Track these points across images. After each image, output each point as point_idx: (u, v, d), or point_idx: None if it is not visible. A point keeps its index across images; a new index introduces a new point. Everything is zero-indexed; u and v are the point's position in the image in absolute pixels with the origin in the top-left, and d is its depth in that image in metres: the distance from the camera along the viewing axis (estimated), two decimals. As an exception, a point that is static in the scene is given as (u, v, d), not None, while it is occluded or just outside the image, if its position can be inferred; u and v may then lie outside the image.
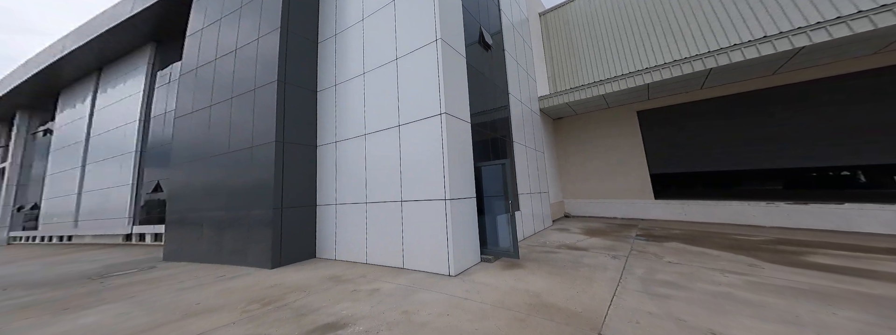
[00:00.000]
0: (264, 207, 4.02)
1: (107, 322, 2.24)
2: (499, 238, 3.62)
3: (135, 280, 3.66)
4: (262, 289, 2.85)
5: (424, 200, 3.32)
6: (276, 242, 3.85)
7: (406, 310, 2.12)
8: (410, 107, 3.66)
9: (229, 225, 4.40)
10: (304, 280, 3.13)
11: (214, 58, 5.42)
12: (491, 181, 3.72)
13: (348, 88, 4.46)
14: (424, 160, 3.40)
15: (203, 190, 4.97)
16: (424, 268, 3.22)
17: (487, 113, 4.65)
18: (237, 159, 4.54)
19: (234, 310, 2.31)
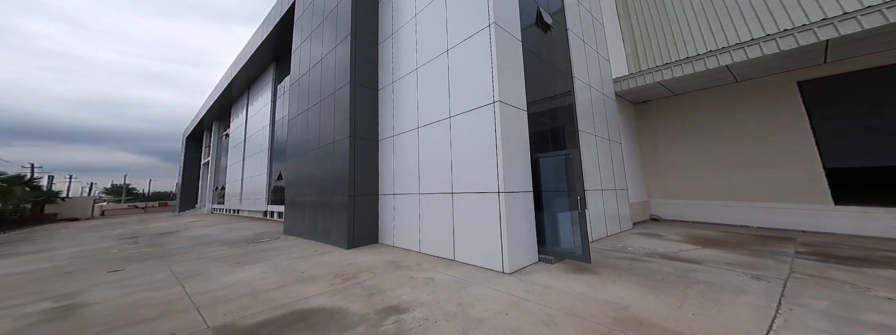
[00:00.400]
0: (342, 195, 4.65)
1: (255, 276, 3.07)
2: (560, 238, 3.20)
3: (268, 247, 4.87)
4: (341, 267, 3.33)
5: (476, 193, 3.19)
6: (350, 226, 4.43)
7: (461, 303, 2.13)
8: (461, 97, 3.54)
9: (320, 208, 5.29)
10: (370, 262, 3.49)
11: (309, 68, 6.51)
12: (551, 174, 3.30)
13: (403, 84, 4.66)
14: (476, 151, 3.25)
15: (305, 179, 6.11)
16: (475, 262, 3.14)
17: (547, 100, 4.15)
18: (324, 153, 5.37)
19: (325, 282, 2.76)
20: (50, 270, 3.77)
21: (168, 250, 4.92)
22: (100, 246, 5.90)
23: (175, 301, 2.37)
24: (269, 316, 1.99)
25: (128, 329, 1.86)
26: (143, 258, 4.33)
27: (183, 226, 9.33)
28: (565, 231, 3.22)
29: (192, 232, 7.64)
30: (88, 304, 2.38)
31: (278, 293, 2.47)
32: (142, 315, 2.11)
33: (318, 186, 5.51)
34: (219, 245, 5.21)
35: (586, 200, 4.31)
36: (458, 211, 3.44)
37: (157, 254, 4.63)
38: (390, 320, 1.87)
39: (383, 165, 4.94)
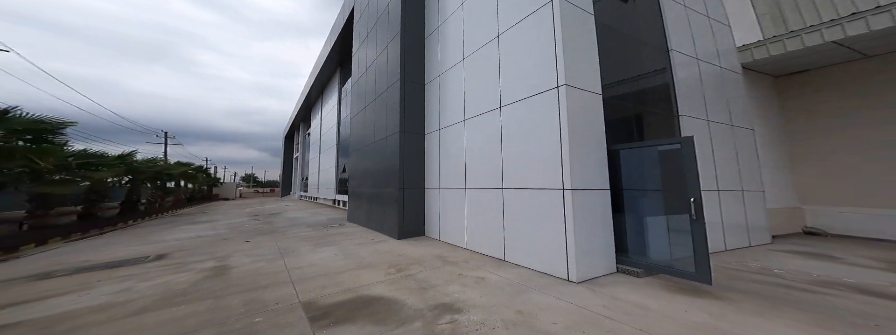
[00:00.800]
0: (393, 187, 4.84)
1: (328, 258, 3.46)
2: (650, 246, 2.61)
3: (337, 232, 5.53)
4: (393, 256, 3.48)
5: (533, 189, 2.84)
6: (400, 218, 4.60)
7: (521, 311, 1.93)
8: (514, 85, 3.18)
9: (375, 200, 5.66)
10: (419, 254, 3.55)
11: (365, 69, 6.96)
12: (637, 169, 2.72)
13: (449, 77, 4.53)
14: (532, 143, 2.88)
15: (363, 172, 6.65)
16: (530, 264, 2.83)
17: (630, 82, 3.43)
18: (378, 148, 5.68)
19: (381, 270, 2.91)
20: (213, 237, 5.18)
21: (275, 228, 6.18)
22: (239, 220, 7.87)
23: (279, 273, 2.88)
24: (341, 298, 2.17)
25: (252, 293, 2.31)
26: (261, 233, 5.53)
27: (283, 209, 11.71)
28: (658, 239, 2.58)
29: (288, 214, 9.44)
30: (232, 267, 3.11)
31: (346, 277, 2.71)
32: (259, 282, 2.59)
33: (373, 179, 5.90)
34: (305, 227, 6.26)
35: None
36: (509, 208, 3.16)
37: (269, 230, 5.87)
38: (445, 319, 1.81)
39: (429, 159, 4.96)
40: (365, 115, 6.78)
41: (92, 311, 1.97)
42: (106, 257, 3.76)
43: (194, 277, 2.77)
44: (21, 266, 3.46)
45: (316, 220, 7.50)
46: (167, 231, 6.19)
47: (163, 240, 4.98)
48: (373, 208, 5.77)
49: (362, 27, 7.58)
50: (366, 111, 6.75)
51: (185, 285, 2.52)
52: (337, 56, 13.10)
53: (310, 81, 17.21)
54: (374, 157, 5.96)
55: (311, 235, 5.16)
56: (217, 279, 2.71)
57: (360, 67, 7.50)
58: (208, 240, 4.91)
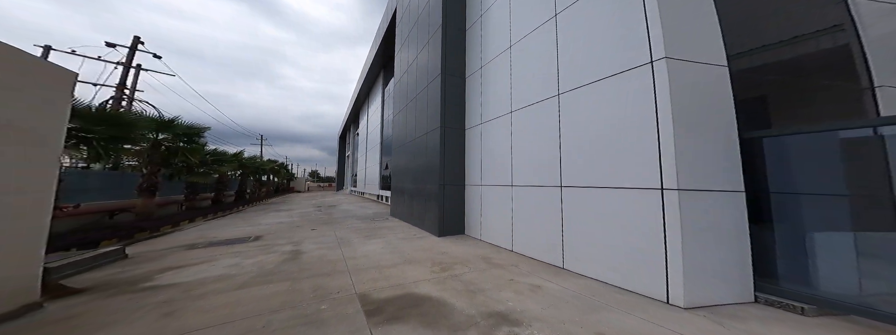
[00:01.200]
0: (433, 184, 4.77)
1: (377, 251, 3.53)
2: (820, 272, 1.89)
3: (382, 225, 5.77)
4: (436, 254, 3.39)
5: (605, 188, 2.40)
6: (440, 215, 4.50)
7: (603, 333, 1.61)
8: (578, 68, 2.74)
9: (415, 196, 5.68)
10: (462, 254, 3.41)
11: (407, 68, 7.05)
12: (795, 164, 2.00)
13: (492, 68, 4.21)
14: (607, 132, 2.42)
15: (404, 168, 6.77)
16: (599, 276, 2.41)
17: (776, 48, 2.56)
18: (419, 144, 5.68)
19: (426, 268, 2.85)
20: (290, 224, 5.99)
21: (333, 218, 6.93)
22: (307, 210, 9.12)
23: (338, 262, 3.07)
24: (391, 293, 2.16)
25: (318, 280, 2.49)
26: (323, 222, 6.19)
27: (338, 202, 12.94)
28: (837, 263, 1.82)
29: (342, 207, 10.39)
30: (303, 252, 3.48)
31: (393, 271, 2.73)
32: (323, 269, 2.80)
33: (413, 175, 5.95)
34: (355, 219, 6.78)
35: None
36: (570, 209, 2.74)
37: (328, 220, 6.60)
38: (502, 332, 1.61)
39: (470, 155, 4.74)
40: (406, 113, 6.89)
41: (213, 281, 2.48)
42: (226, 235, 4.76)
43: (278, 259, 3.23)
44: (180, 237, 4.69)
45: (364, 213, 8.09)
46: (261, 216, 7.57)
47: (259, 224, 6.11)
48: (414, 204, 5.83)
49: (404, 27, 7.69)
50: (407, 109, 6.85)
51: (271, 266, 2.97)
52: (380, 59, 13.74)
53: (358, 86, 18.55)
54: (414, 154, 6.00)
55: (360, 228, 5.52)
56: (293, 262, 3.07)
57: (402, 67, 7.65)
58: (287, 226, 5.77)
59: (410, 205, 6.11)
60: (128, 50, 10.01)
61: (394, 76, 8.68)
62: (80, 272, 2.72)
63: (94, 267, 2.89)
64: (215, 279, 2.56)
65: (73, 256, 2.83)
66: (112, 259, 3.14)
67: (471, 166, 4.71)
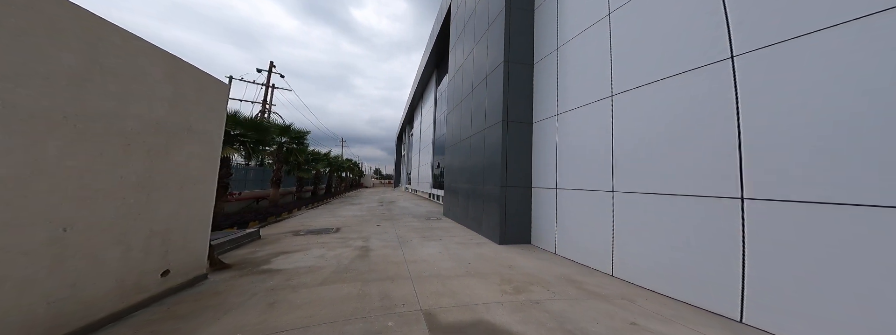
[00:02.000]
0: (494, 185, 4.20)
1: (435, 255, 3.27)
2: None
3: (436, 226, 5.56)
4: (503, 267, 2.89)
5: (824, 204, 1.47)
6: (502, 220, 3.91)
7: None
8: (762, 20, 1.80)
9: (471, 197, 5.21)
10: (536, 270, 2.81)
11: (462, 62, 6.63)
12: None
13: (576, 46, 3.36)
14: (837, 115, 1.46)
15: (458, 167, 6.39)
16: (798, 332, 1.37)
17: None
18: (475, 141, 5.19)
19: (494, 285, 2.38)
20: (361, 218, 6.50)
21: (393, 215, 7.21)
22: (372, 205, 9.81)
23: (400, 264, 2.91)
24: (460, 318, 1.80)
25: (384, 284, 2.34)
26: (385, 218, 6.47)
27: (396, 199, 13.59)
28: None
29: (399, 203, 10.80)
30: (371, 249, 3.51)
31: (457, 285, 2.37)
32: (388, 271, 2.69)
33: (468, 175, 5.50)
34: (411, 217, 6.85)
35: None
36: (761, 232, 1.79)
37: (390, 216, 6.90)
38: None
39: (540, 152, 3.96)
40: (459, 111, 6.50)
41: (305, 272, 2.67)
42: (318, 225, 5.52)
43: (352, 254, 3.38)
44: (291, 223, 5.76)
45: (418, 212, 8.23)
46: (341, 209, 8.59)
47: (339, 216, 6.97)
48: (469, 206, 5.38)
49: (458, 22, 7.31)
50: (460, 106, 6.44)
51: (347, 261, 3.11)
52: (434, 59, 13.80)
53: (412, 88, 19.34)
54: (469, 153, 5.54)
55: (417, 227, 5.50)
56: (363, 260, 3.12)
57: (455, 64, 7.29)
58: (359, 220, 6.33)
59: (465, 207, 5.70)
60: (267, 72, 13.83)
61: (448, 73, 8.47)
62: (233, 248, 3.56)
63: (241, 245, 3.77)
64: (307, 270, 2.80)
65: (231, 235, 3.87)
66: (251, 239, 4.14)
67: (541, 166, 3.94)
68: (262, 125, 5.84)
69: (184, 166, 2.28)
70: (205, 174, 2.53)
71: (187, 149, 2.32)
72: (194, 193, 2.40)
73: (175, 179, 2.20)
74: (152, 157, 1.99)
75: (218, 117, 2.70)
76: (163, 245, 2.10)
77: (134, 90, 1.86)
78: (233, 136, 5.47)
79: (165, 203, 2.11)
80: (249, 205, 8.08)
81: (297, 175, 9.77)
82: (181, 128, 2.25)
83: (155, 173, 2.01)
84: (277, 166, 7.90)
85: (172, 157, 2.17)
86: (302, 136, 8.45)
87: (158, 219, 2.05)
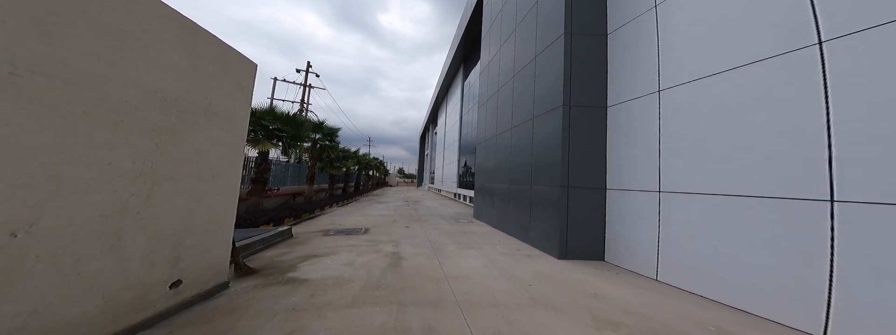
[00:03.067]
0: (548, 184, 3.43)
1: (480, 270, 2.62)
2: None
3: (469, 230, 4.92)
4: (584, 296, 2.09)
5: None
6: (562, 228, 3.11)
7: None
8: None
9: (513, 199, 4.48)
10: (644, 307, 1.94)
11: (499, 48, 5.87)
12: None
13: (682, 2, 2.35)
14: None
15: (494, 165, 5.65)
16: None
17: None
18: (519, 134, 4.44)
19: (586, 328, 1.63)
20: (388, 218, 6.13)
21: (420, 215, 6.75)
22: (398, 204, 9.43)
23: (440, 280, 2.35)
24: None
25: (424, 311, 1.80)
26: (412, 219, 6.00)
27: (420, 198, 13.18)
28: None
29: (425, 203, 10.27)
30: (403, 258, 2.99)
31: (528, 323, 1.67)
32: (426, 292, 2.13)
33: (509, 173, 4.74)
34: (440, 218, 6.28)
35: None
36: None
37: (417, 217, 6.41)
38: None
39: (620, 144, 3.07)
40: (498, 99, 5.73)
41: (332, 286, 2.23)
42: (348, 223, 5.24)
43: (382, 262, 2.84)
44: (322, 220, 5.54)
45: (446, 212, 7.72)
46: (368, 207, 8.29)
47: (368, 215, 6.61)
48: (510, 209, 4.62)
49: (495, 2, 6.55)
50: (498, 95, 5.68)
51: (378, 272, 2.56)
52: (461, 52, 13.14)
53: (437, 86, 18.86)
54: (512, 147, 4.76)
55: (448, 230, 4.91)
56: (395, 272, 2.58)
57: (491, 50, 6.51)
58: (387, 220, 5.92)
59: (504, 210, 4.92)
60: (305, 71, 15.12)
61: (476, 66, 7.74)
62: (264, 249, 3.24)
63: (272, 244, 3.45)
64: (334, 282, 2.34)
65: (264, 233, 3.56)
66: (283, 238, 3.85)
67: (624, 161, 3.04)
68: (296, 119, 5.76)
69: (201, 154, 1.89)
70: (228, 165, 2.13)
71: (206, 133, 1.92)
72: (214, 187, 2.00)
73: (190, 170, 1.80)
74: (158, 139, 1.58)
75: (243, 99, 2.30)
76: (173, 251, 1.70)
77: (133, 52, 1.44)
78: (271, 130, 5.49)
79: (177, 199, 1.71)
80: (287, 201, 8.29)
81: (329, 172, 9.97)
82: (198, 107, 1.85)
83: (161, 160, 1.61)
84: (312, 162, 8.08)
85: (186, 141, 1.77)
86: (334, 132, 8.60)
87: (167, 218, 1.65)
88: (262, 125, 5.43)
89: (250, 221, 4.57)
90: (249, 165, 6.39)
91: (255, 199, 5.48)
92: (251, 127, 5.22)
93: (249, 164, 6.42)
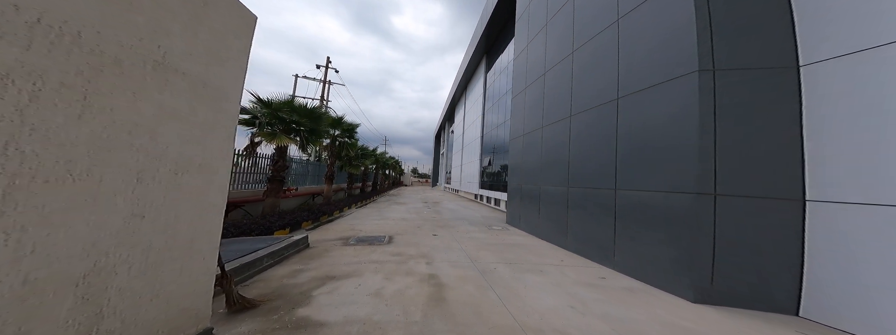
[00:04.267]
0: (665, 188, 2.35)
1: (567, 319, 1.71)
2: None
3: (512, 242, 3.96)
4: None
5: None
6: (701, 256, 2.02)
7: None
8: None
9: (578, 205, 3.44)
10: None
11: (545, 22, 4.84)
12: None
13: None
14: None
15: (537, 162, 4.64)
16: None
17: None
18: (585, 121, 3.41)
19: None
20: (411, 222, 5.40)
21: (444, 219, 5.98)
22: (417, 206, 8.71)
23: (513, 333, 1.57)
24: None
25: None
26: (438, 225, 5.20)
27: (438, 199, 12.45)
28: None
29: (446, 205, 9.46)
30: (445, 285, 2.24)
31: None
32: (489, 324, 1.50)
33: (568, 173, 3.71)
34: (468, 224, 5.42)
35: None
36: None
37: (442, 222, 5.58)
38: None
39: (839, 125, 1.87)
40: (544, 85, 4.68)
41: None
42: (369, 228, 4.58)
43: (419, 293, 2.09)
44: (341, 225, 4.90)
45: (471, 216, 6.82)
46: (387, 209, 7.67)
47: (388, 218, 5.93)
48: (572, 218, 3.59)
49: None
50: (546, 78, 4.62)
51: (417, 313, 1.78)
52: (484, 43, 12.16)
53: (455, 81, 17.91)
54: (575, 139, 3.72)
55: (485, 240, 4.06)
56: (440, 312, 1.80)
57: (533, 28, 5.44)
58: (409, 225, 5.14)
59: (557, 220, 3.90)
60: (324, 67, 14.98)
61: (516, 45, 6.58)
62: (273, 265, 2.61)
63: (284, 259, 2.81)
64: (361, 331, 1.61)
65: (276, 242, 2.92)
66: (297, 248, 3.17)
67: (857, 153, 1.81)
68: (315, 112, 5.12)
69: (148, 134, 1.09)
70: (205, 155, 1.33)
71: (155, 100, 1.11)
72: (178, 191, 1.20)
73: (119, 160, 1.00)
74: (26, 100, 0.77)
75: (233, 61, 1.48)
76: (86, 302, 0.91)
77: None
78: (288, 123, 4.93)
79: (86, 212, 0.91)
80: (306, 202, 7.83)
81: (348, 171, 9.50)
82: (136, 55, 1.05)
83: (34, 142, 0.80)
84: (331, 160, 7.63)
85: (105, 110, 0.95)
86: (353, 128, 8.12)
87: (63, 248, 0.86)
88: (280, 118, 4.85)
89: (265, 227, 3.94)
90: (266, 163, 5.88)
91: (272, 201, 4.90)
92: (268, 121, 4.60)
93: (266, 162, 5.90)
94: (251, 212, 5.03)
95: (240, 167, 5.21)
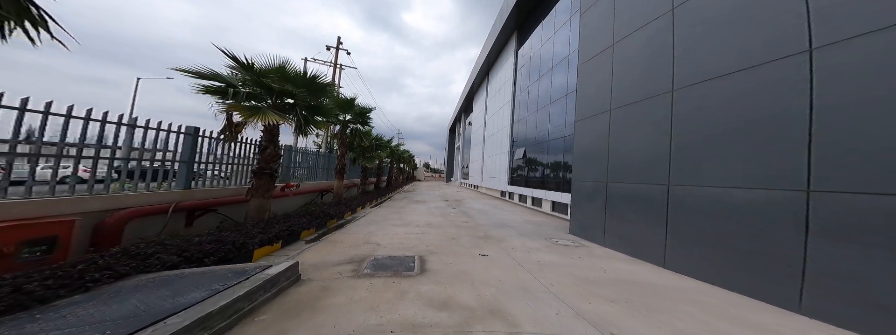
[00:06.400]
0: None
1: None
2: None
3: (616, 268, 2.56)
4: None
5: None
6: None
7: None
8: None
9: (744, 220, 1.91)
10: None
11: None
12: None
13: None
14: None
15: (630, 152, 3.26)
16: None
17: None
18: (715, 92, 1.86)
19: None
20: (440, 230, 4.10)
21: (479, 225, 4.65)
22: (439, 204, 7.52)
23: None
24: None
25: None
26: (476, 234, 3.97)
27: (458, 196, 11.16)
28: None
29: (471, 205, 7.95)
30: None
31: None
32: None
33: (745, 167, 2.15)
34: (518, 235, 4.01)
35: None
36: None
37: (478, 229, 4.29)
38: None
39: None
40: (654, 41, 3.02)
41: None
42: (389, 242, 3.32)
43: None
44: (353, 234, 3.65)
45: (512, 221, 5.38)
46: (406, 209, 6.42)
47: (409, 222, 4.75)
48: (729, 238, 1.94)
49: None
50: (677, 14, 2.97)
51: None
52: (514, 17, 10.31)
53: (473, 70, 16.27)
54: (679, 115, 2.10)
55: (576, 270, 2.59)
56: None
57: None
58: (440, 235, 3.83)
59: (714, 245, 2.30)
60: (335, 48, 13.48)
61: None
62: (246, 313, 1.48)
63: (248, 312, 1.58)
64: None
65: (229, 287, 1.65)
66: (280, 288, 1.82)
67: None
68: (316, 82, 3.62)
69: None
70: None
71: None
72: None
73: None
74: None
75: None
76: None
77: None
78: (280, 95, 3.34)
79: None
80: (313, 200, 6.57)
81: (362, 164, 8.31)
82: None
83: None
84: (342, 151, 6.42)
85: None
86: (365, 113, 6.83)
87: None
88: (267, 87, 3.38)
89: (239, 244, 2.40)
90: (253, 151, 4.20)
91: (258, 202, 3.34)
92: (249, 89, 3.20)
93: (253, 150, 4.22)
94: (235, 216, 3.69)
95: (216, 156, 3.86)
